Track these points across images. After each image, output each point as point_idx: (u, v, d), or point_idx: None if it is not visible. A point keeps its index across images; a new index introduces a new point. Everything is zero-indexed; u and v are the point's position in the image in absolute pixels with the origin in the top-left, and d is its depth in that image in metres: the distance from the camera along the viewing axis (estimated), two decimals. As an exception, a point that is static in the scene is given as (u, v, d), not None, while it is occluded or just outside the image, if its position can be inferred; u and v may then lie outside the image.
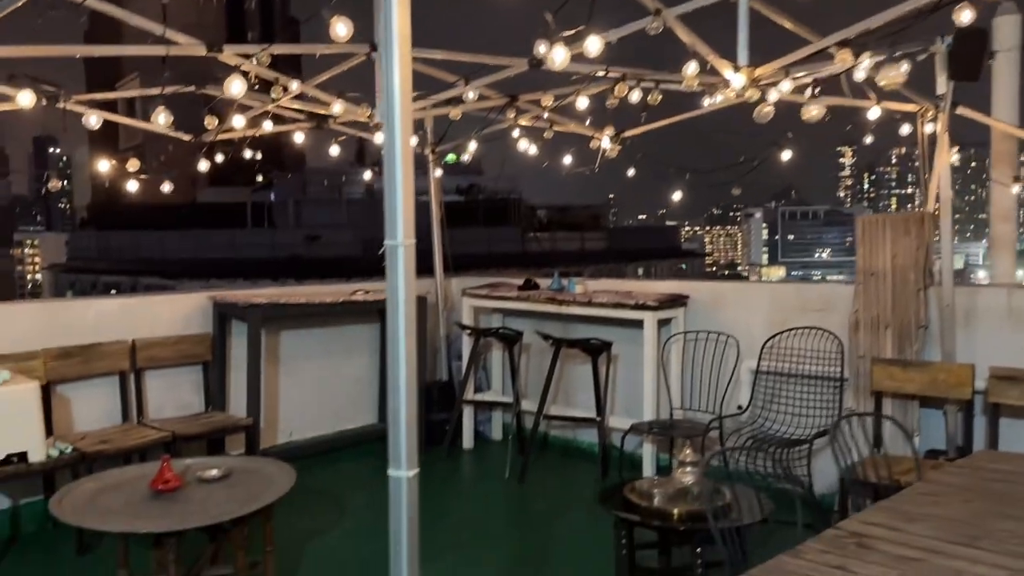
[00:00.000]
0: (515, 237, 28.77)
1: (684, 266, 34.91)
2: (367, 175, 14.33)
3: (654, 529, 3.48)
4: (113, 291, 25.34)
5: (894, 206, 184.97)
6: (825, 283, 5.40)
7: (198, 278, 20.92)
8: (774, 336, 4.80)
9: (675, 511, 3.34)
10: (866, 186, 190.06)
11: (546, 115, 5.47)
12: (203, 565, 3.56)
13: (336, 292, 5.96)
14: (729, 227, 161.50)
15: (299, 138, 5.85)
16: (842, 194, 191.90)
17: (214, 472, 3.72)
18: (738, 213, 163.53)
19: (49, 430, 4.31)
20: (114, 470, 3.83)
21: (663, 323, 5.27)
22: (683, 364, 5.29)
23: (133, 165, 5.48)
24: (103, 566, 4.01)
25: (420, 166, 6.40)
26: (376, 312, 6.38)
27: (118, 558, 3.27)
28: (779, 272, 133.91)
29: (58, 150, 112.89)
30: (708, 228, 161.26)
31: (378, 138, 5.30)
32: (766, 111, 4.28)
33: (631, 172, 5.86)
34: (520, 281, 6.36)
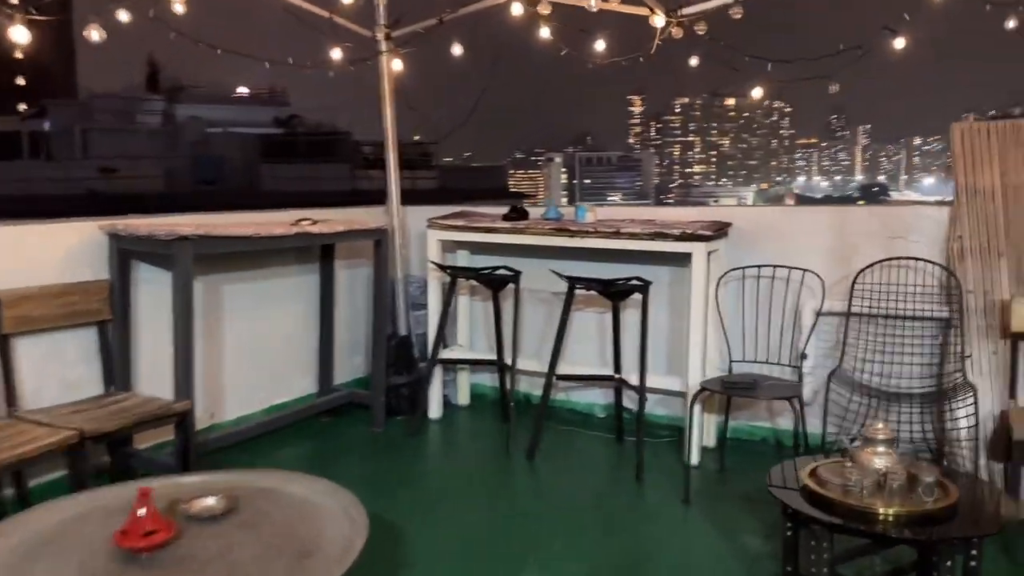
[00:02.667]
0: (344, 174, 26.77)
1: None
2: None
3: (869, 536, 2.57)
4: None
5: (677, 152, 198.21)
6: (906, 205, 4.68)
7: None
8: (866, 268, 4.00)
9: (887, 512, 2.43)
10: (653, 133, 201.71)
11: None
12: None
13: (267, 222, 4.40)
14: (531, 171, 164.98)
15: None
16: (632, 140, 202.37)
17: (212, 503, 2.32)
18: (539, 157, 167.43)
19: None
20: (28, 514, 2.29)
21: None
22: (743, 307, 4.38)
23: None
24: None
25: (365, 53, 4.92)
26: (318, 250, 4.90)
27: None
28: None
29: None
30: (512, 171, 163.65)
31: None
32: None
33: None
34: (488, 210, 5.15)
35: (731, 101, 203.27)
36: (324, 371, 5.01)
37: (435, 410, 4.96)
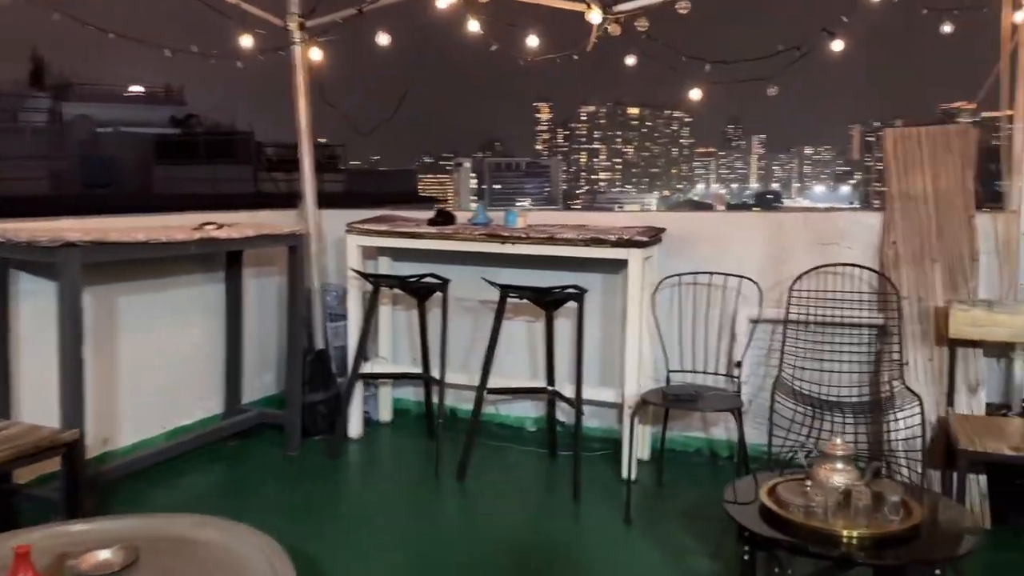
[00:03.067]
0: (246, 176, 25.74)
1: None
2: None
3: (836, 561, 2.44)
4: None
5: (584, 159, 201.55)
6: (838, 211, 4.62)
7: None
8: (804, 275, 3.93)
9: (853, 534, 2.31)
10: (560, 140, 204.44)
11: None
12: None
13: (166, 226, 3.98)
14: (440, 175, 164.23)
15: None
16: (540, 147, 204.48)
17: (107, 557, 1.98)
18: (448, 162, 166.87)
19: None
20: None
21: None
22: (679, 315, 4.24)
23: None
24: None
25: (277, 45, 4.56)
26: (223, 257, 4.49)
27: None
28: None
29: None
30: (421, 176, 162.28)
31: None
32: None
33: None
34: (411, 214, 4.87)
35: (634, 110, 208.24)
36: (231, 390, 4.60)
37: (355, 429, 4.63)
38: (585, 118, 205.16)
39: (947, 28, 3.57)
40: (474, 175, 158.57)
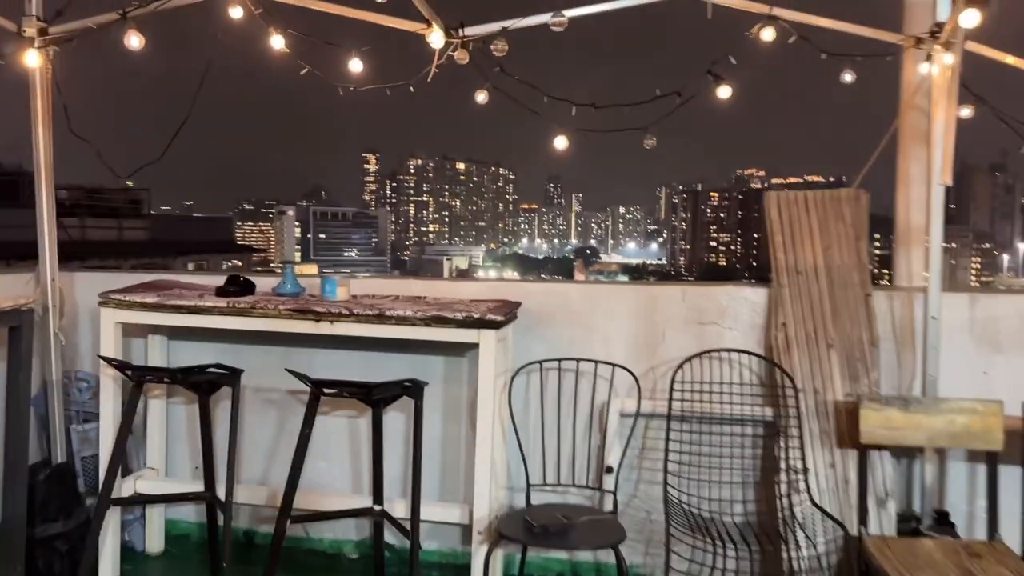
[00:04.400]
0: (29, 222, 22.65)
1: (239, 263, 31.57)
2: None
3: None
4: None
5: (412, 211, 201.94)
6: (718, 285, 3.96)
7: None
8: (687, 362, 3.28)
9: None
10: (388, 192, 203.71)
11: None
12: None
13: None
14: (261, 223, 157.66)
15: None
16: (367, 197, 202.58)
17: None
18: (270, 210, 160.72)
19: None
20: None
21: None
22: (541, 411, 3.43)
23: None
24: None
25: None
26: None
27: None
28: (311, 269, 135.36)
29: None
30: (240, 223, 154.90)
31: None
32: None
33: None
34: (198, 279, 3.79)
35: (461, 165, 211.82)
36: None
37: (109, 567, 3.41)
38: (413, 171, 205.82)
39: (848, 78, 3.09)
40: (298, 224, 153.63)
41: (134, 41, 2.97)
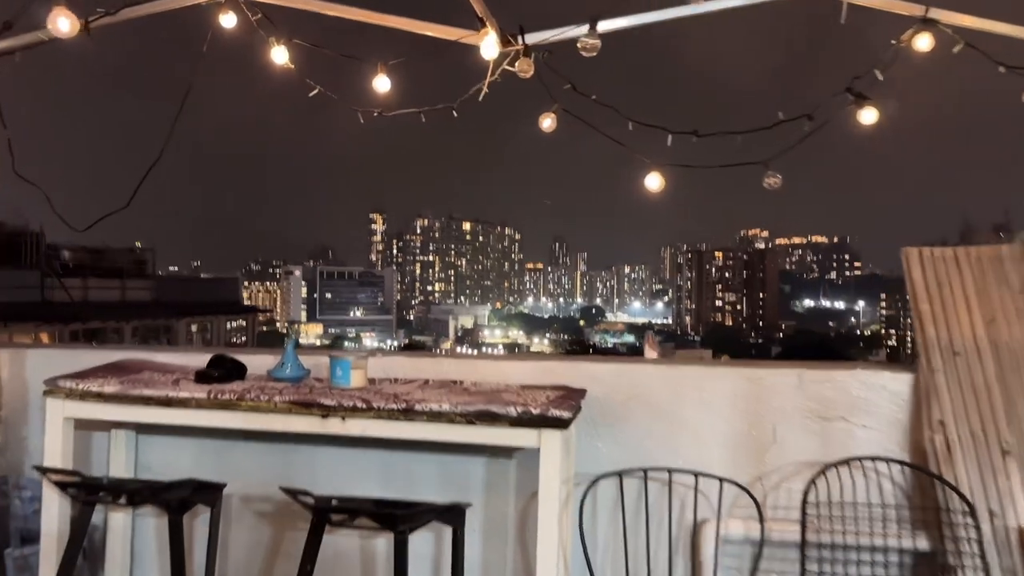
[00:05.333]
0: (33, 282, 22.15)
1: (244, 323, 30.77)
2: None
3: None
4: None
5: (418, 270, 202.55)
6: (847, 368, 3.20)
7: None
8: (819, 474, 2.47)
9: None
10: (395, 251, 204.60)
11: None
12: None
13: None
14: (268, 283, 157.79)
15: None
16: (374, 257, 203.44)
17: None
18: (277, 269, 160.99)
19: None
20: None
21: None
22: (611, 532, 2.61)
23: None
24: None
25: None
26: None
27: None
28: (317, 329, 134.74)
29: None
30: (247, 283, 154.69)
31: None
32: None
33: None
34: (176, 359, 3.02)
35: (467, 225, 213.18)
36: None
37: None
38: (419, 231, 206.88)
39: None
40: (304, 283, 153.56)
41: (62, 24, 2.26)
